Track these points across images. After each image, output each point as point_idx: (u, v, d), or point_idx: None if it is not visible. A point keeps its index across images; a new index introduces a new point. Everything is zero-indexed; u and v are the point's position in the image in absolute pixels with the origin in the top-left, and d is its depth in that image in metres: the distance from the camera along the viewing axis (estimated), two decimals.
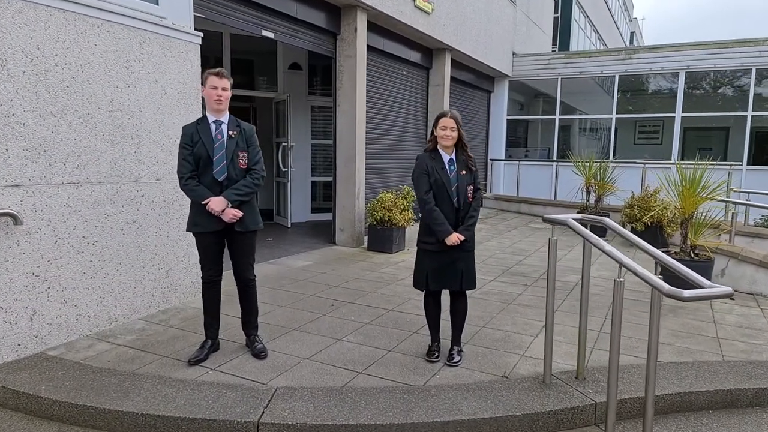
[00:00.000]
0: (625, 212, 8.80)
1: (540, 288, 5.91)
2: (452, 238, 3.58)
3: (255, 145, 3.74)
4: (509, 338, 4.33)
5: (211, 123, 3.61)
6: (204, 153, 3.54)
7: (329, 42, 7.61)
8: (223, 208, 3.52)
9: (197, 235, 3.68)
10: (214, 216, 3.53)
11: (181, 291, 4.86)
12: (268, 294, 5.31)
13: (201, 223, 3.60)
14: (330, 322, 4.59)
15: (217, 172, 3.56)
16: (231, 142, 3.60)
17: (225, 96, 3.60)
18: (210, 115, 3.63)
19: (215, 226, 3.58)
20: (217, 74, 3.57)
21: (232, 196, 3.55)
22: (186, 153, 3.56)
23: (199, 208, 3.55)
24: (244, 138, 3.67)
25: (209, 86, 3.57)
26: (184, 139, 3.59)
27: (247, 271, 3.81)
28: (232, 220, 3.57)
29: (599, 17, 25.78)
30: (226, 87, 3.60)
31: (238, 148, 3.61)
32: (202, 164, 3.56)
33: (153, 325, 4.36)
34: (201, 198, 3.52)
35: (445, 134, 3.61)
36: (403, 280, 6.04)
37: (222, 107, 3.60)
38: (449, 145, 3.64)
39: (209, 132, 3.59)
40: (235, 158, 3.60)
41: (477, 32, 11.26)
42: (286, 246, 7.79)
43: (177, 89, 4.69)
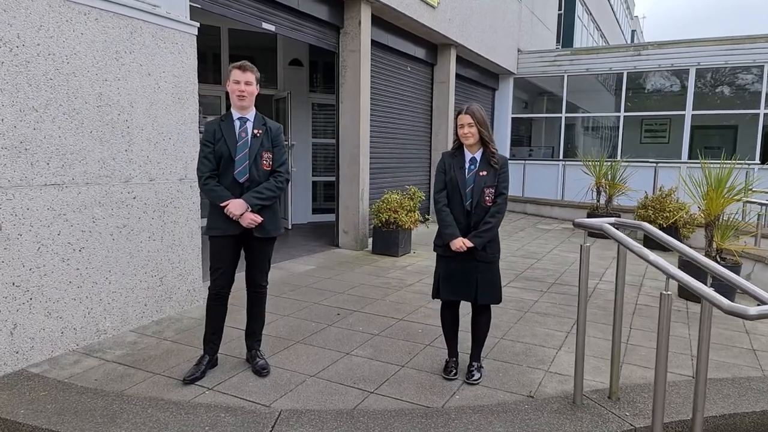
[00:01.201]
0: (639, 213, 8.49)
1: (556, 294, 5.59)
2: (456, 243, 3.26)
3: (281, 145, 3.45)
4: (531, 351, 4.01)
5: (235, 120, 3.32)
6: (226, 152, 3.25)
7: (332, 36, 7.28)
8: (242, 212, 3.23)
9: (213, 239, 3.37)
10: (233, 219, 3.24)
11: (177, 300, 4.53)
12: (270, 302, 4.92)
13: (220, 227, 3.30)
14: (336, 333, 4.27)
15: (239, 173, 3.27)
16: (255, 141, 3.31)
17: (249, 91, 3.30)
18: (234, 111, 3.34)
19: (234, 230, 3.29)
20: (240, 67, 3.28)
21: (253, 200, 3.25)
22: (207, 150, 3.27)
23: (219, 210, 3.26)
24: (270, 137, 3.38)
25: (232, 80, 3.29)
26: (206, 136, 3.31)
27: (261, 277, 3.54)
28: (250, 225, 3.28)
29: (602, 15, 25.48)
30: (250, 81, 3.29)
31: (263, 148, 3.32)
32: (224, 164, 3.27)
33: (145, 338, 4.03)
34: (220, 200, 3.23)
35: (463, 132, 3.29)
36: (411, 286, 5.72)
37: (246, 103, 3.31)
38: (471, 144, 3.33)
39: (233, 129, 3.30)
40: (258, 159, 3.31)
41: (483, 28, 10.94)
42: (288, 249, 7.46)
43: (171, 83, 4.36)
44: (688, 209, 8.21)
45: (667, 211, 8.08)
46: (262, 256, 3.46)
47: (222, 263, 3.35)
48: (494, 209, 3.31)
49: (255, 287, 3.52)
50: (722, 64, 11.71)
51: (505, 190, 3.36)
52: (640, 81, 13.08)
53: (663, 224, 8.02)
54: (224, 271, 3.36)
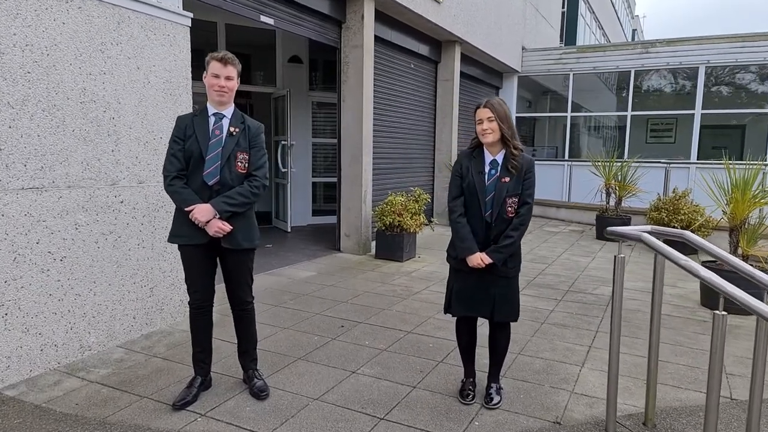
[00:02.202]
0: (651, 216, 8.18)
1: (571, 303, 5.28)
2: (474, 260, 2.94)
3: (260, 146, 3.10)
4: (552, 369, 3.69)
5: (210, 116, 2.99)
6: (196, 150, 2.91)
7: (334, 31, 6.96)
8: (209, 219, 2.89)
9: (181, 249, 3.04)
10: (200, 227, 2.90)
11: (168, 311, 4.21)
12: (268, 313, 4.66)
13: (184, 234, 2.96)
14: (341, 348, 3.95)
15: (208, 175, 2.92)
16: (230, 140, 2.97)
17: (230, 87, 2.97)
18: (211, 106, 3.00)
19: (200, 239, 2.94)
20: (221, 60, 2.93)
21: (221, 206, 2.91)
22: (176, 148, 2.94)
23: (184, 215, 2.92)
24: (248, 137, 3.03)
25: (210, 74, 2.94)
26: (176, 131, 2.97)
27: (243, 294, 3.17)
28: (217, 234, 2.93)
29: (604, 13, 25.20)
30: (231, 76, 2.96)
31: (238, 148, 2.98)
32: (193, 163, 2.93)
33: (133, 354, 3.71)
34: (185, 203, 2.89)
35: (482, 129, 2.96)
36: (418, 294, 5.40)
37: (225, 99, 2.98)
38: (490, 142, 2.98)
39: (206, 126, 2.97)
40: (232, 160, 2.96)
41: (488, 24, 10.63)
42: (287, 253, 7.14)
43: (163, 78, 4.04)
44: (703, 211, 7.92)
45: (682, 214, 7.77)
46: (239, 269, 3.10)
47: (195, 276, 3.04)
48: (517, 221, 2.96)
49: (239, 305, 3.18)
50: (732, 62, 11.41)
51: (530, 198, 3.01)
52: (646, 79, 12.79)
53: (678, 227, 7.71)
54: (200, 284, 3.05)
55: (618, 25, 31.01)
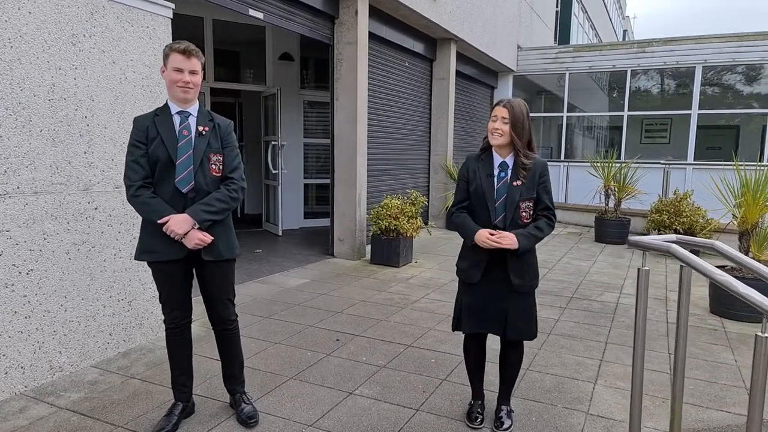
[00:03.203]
0: (652, 218, 7.97)
1: (577, 311, 5.03)
2: (481, 235, 2.64)
3: (232, 145, 2.79)
4: (563, 386, 3.43)
5: (174, 115, 2.67)
6: (163, 154, 2.59)
7: (326, 27, 6.67)
8: (187, 230, 2.58)
9: (153, 266, 2.73)
10: (176, 240, 2.60)
11: (149, 326, 3.90)
12: (257, 326, 4.36)
13: (157, 249, 2.65)
14: (336, 365, 3.66)
15: (181, 181, 2.62)
16: (201, 140, 2.66)
17: (195, 82, 2.65)
18: (173, 104, 2.69)
19: (177, 254, 2.64)
20: (183, 52, 2.60)
21: (200, 215, 2.60)
22: (138, 153, 2.60)
23: (155, 228, 2.60)
24: (219, 136, 2.73)
25: (172, 67, 2.61)
26: (135, 134, 2.63)
27: (225, 311, 2.86)
28: (198, 246, 2.62)
29: (596, 13, 25.10)
30: (195, 70, 2.64)
31: (211, 150, 2.68)
32: (160, 169, 2.61)
33: (109, 375, 3.40)
34: (157, 215, 2.57)
35: (493, 127, 2.69)
36: (417, 303, 5.12)
37: (190, 96, 2.66)
38: (499, 144, 2.72)
39: (171, 126, 2.65)
40: (205, 162, 2.66)
41: (483, 22, 10.38)
42: (278, 259, 6.83)
43: (141, 74, 3.73)
44: (704, 214, 7.72)
45: (684, 216, 7.56)
46: (220, 284, 2.80)
47: (171, 295, 2.73)
48: (546, 221, 2.71)
49: (221, 324, 2.88)
50: (729, 61, 11.24)
51: (551, 203, 2.75)
52: (640, 79, 12.60)
53: (680, 230, 7.51)
54: (177, 301, 2.75)
55: (610, 25, 30.97)
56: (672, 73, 12.20)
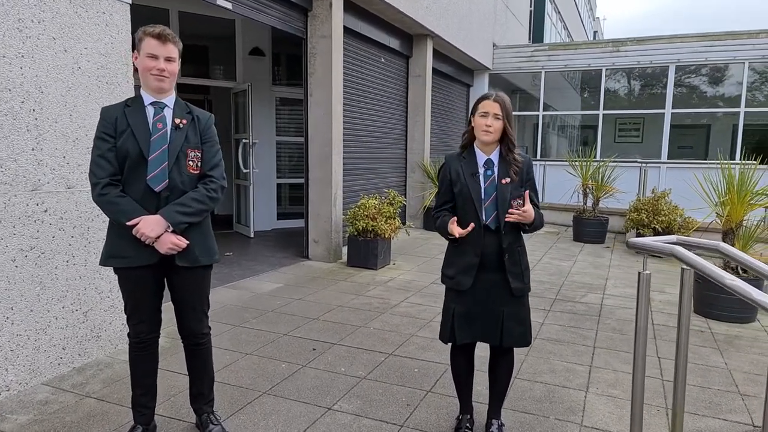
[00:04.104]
0: (631, 217, 7.91)
1: (561, 314, 4.87)
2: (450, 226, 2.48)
3: (213, 140, 2.53)
4: (554, 395, 3.25)
5: (147, 106, 2.41)
6: (134, 149, 2.33)
7: (299, 20, 6.40)
8: (159, 234, 2.32)
9: (120, 272, 2.45)
10: (147, 244, 2.33)
11: (107, 338, 3.58)
12: (227, 335, 4.08)
13: (125, 254, 2.38)
14: (313, 377, 3.41)
15: (154, 179, 2.35)
16: (178, 134, 2.40)
17: (171, 70, 2.39)
18: (146, 94, 2.42)
19: (148, 259, 2.37)
20: (158, 37, 2.34)
21: (175, 216, 2.34)
22: (105, 147, 2.33)
23: (125, 231, 2.33)
24: (198, 130, 2.47)
25: (146, 54, 2.35)
26: (102, 127, 2.36)
27: (198, 324, 2.60)
28: (171, 251, 2.37)
29: (568, 14, 25.31)
30: (171, 56, 2.38)
31: (188, 145, 2.42)
32: (130, 165, 2.35)
33: (62, 394, 3.08)
34: (125, 216, 2.31)
35: (485, 123, 2.48)
36: (397, 307, 4.90)
37: (166, 86, 2.40)
38: (490, 141, 2.52)
39: (144, 118, 2.38)
40: (182, 159, 2.40)
41: (460, 19, 10.22)
42: (249, 263, 6.53)
43: (96, 63, 3.42)
44: (682, 213, 7.71)
45: (663, 215, 7.52)
46: (194, 293, 2.55)
47: (138, 305, 2.46)
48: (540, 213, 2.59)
49: (192, 338, 2.61)
50: (702, 60, 11.34)
51: (538, 201, 2.61)
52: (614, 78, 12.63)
53: (659, 228, 7.46)
54: (145, 313, 2.48)
55: (581, 26, 31.32)
56: (645, 72, 12.25)
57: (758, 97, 11.31)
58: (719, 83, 11.86)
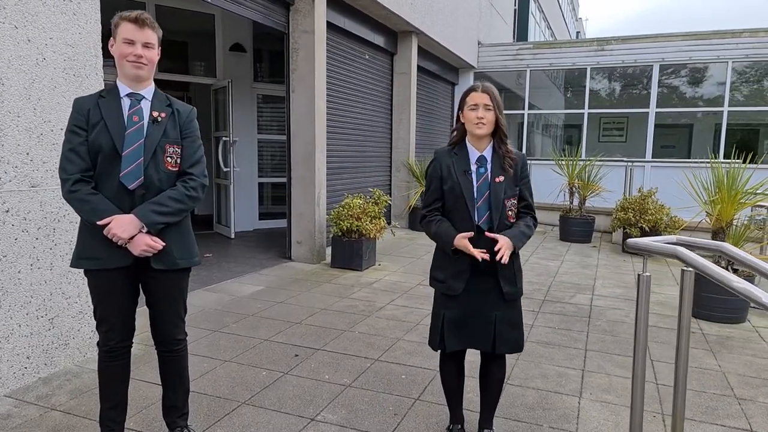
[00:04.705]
0: (618, 216, 7.85)
1: (551, 315, 4.76)
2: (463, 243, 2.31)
3: (194, 135, 2.36)
4: (547, 402, 3.12)
5: (123, 97, 2.23)
6: (107, 143, 2.16)
7: (281, 14, 6.21)
8: (133, 234, 2.15)
9: (91, 275, 2.27)
10: (120, 245, 2.16)
11: (75, 346, 3.38)
12: (205, 341, 3.89)
13: (97, 255, 2.20)
14: (295, 385, 3.24)
15: (128, 176, 2.18)
16: (155, 128, 2.24)
17: (149, 57, 2.22)
18: (122, 84, 2.24)
19: (121, 261, 2.21)
20: (135, 21, 2.17)
21: (150, 216, 2.18)
22: (77, 141, 2.16)
23: (96, 231, 2.16)
24: (178, 124, 2.31)
25: (122, 39, 2.18)
26: (74, 119, 2.18)
27: (174, 329, 2.43)
28: (145, 253, 2.20)
29: (552, 13, 25.39)
30: (150, 42, 2.21)
31: (167, 140, 2.26)
32: (103, 161, 2.17)
33: (25, 407, 2.88)
34: (97, 215, 2.14)
35: (476, 116, 2.34)
36: (382, 310, 4.75)
37: (143, 74, 2.23)
38: (483, 135, 2.39)
39: (119, 110, 2.21)
40: (159, 154, 2.23)
41: (444, 16, 10.10)
42: (230, 264, 6.33)
43: (63, 54, 3.21)
44: (668, 211, 7.67)
45: (650, 214, 7.47)
46: (171, 297, 2.38)
47: (109, 311, 2.28)
48: (530, 220, 2.45)
49: (167, 345, 2.43)
50: (686, 60, 11.37)
51: (532, 201, 2.47)
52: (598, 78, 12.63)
53: (646, 227, 7.41)
54: (118, 320, 2.30)
55: (564, 25, 31.47)
56: (630, 71, 12.26)
57: (737, 97, 11.36)
58: (703, 83, 11.91)
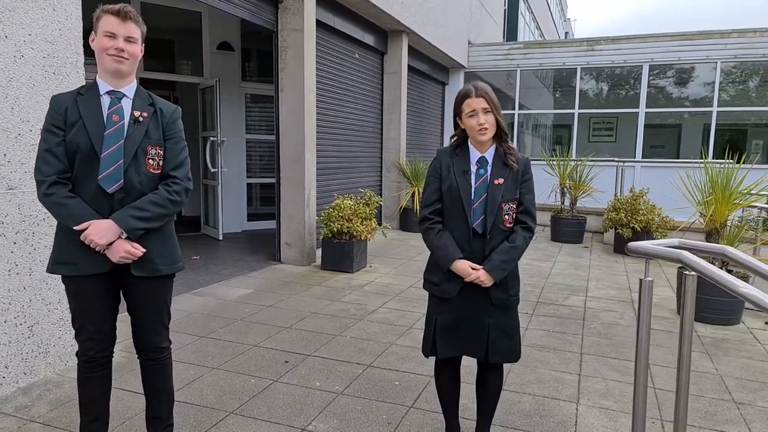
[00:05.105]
0: (610, 216, 7.83)
1: (545, 317, 4.70)
2: (462, 269, 2.26)
3: (177, 136, 2.25)
4: (544, 408, 3.05)
5: (103, 95, 2.12)
6: (85, 143, 2.05)
7: (269, 12, 6.10)
8: (111, 241, 2.04)
9: (68, 281, 2.16)
10: (99, 251, 2.05)
11: (56, 354, 3.25)
12: (192, 347, 3.78)
13: (74, 261, 2.09)
14: (286, 393, 3.14)
15: (106, 179, 2.07)
16: (137, 129, 2.12)
17: (131, 52, 2.10)
18: (103, 81, 2.13)
19: (99, 267, 2.10)
20: (117, 13, 2.06)
21: (130, 222, 2.07)
22: (53, 141, 2.05)
23: (73, 236, 2.04)
24: (161, 124, 2.19)
25: (103, 32, 2.07)
26: (51, 118, 2.07)
27: (157, 338, 2.31)
28: (124, 260, 2.09)
29: (541, 14, 25.45)
30: (132, 36, 2.10)
31: (149, 141, 2.14)
32: (81, 162, 2.06)
33: (3, 419, 2.75)
34: (73, 219, 2.03)
35: (477, 122, 2.26)
36: (374, 313, 4.66)
37: (124, 68, 2.11)
38: (488, 139, 2.31)
39: (98, 109, 2.10)
40: (140, 156, 2.12)
41: (436, 16, 10.03)
42: (218, 267, 6.20)
43: (42, 51, 3.09)
44: (659, 211, 7.66)
45: (641, 214, 7.45)
46: (153, 305, 2.26)
47: (88, 319, 2.17)
48: (524, 232, 2.34)
49: (149, 353, 2.32)
50: (675, 60, 11.39)
51: (533, 206, 2.38)
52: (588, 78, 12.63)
53: (637, 228, 7.39)
54: (97, 329, 2.19)
55: (553, 26, 31.57)
56: (619, 71, 12.27)
57: (725, 97, 11.41)
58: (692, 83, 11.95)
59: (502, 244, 2.30)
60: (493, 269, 2.25)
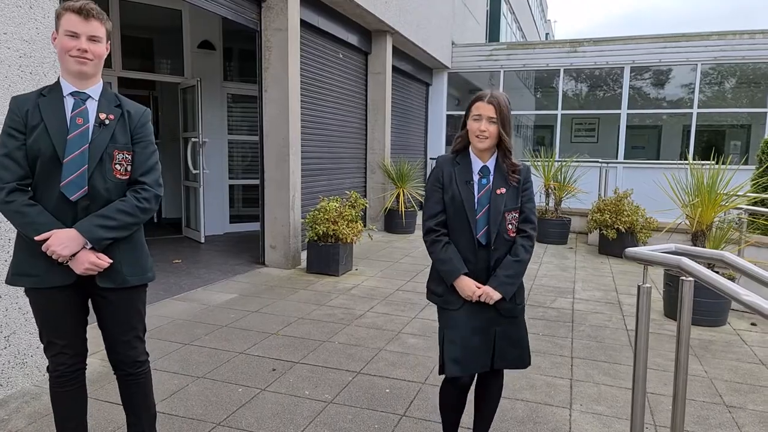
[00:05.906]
0: (594, 217, 7.86)
1: (534, 321, 4.68)
2: (466, 286, 2.21)
3: (147, 140, 2.12)
4: (538, 415, 3.02)
5: (66, 96, 2.00)
6: (46, 148, 1.94)
7: (252, 11, 5.99)
8: (75, 251, 1.93)
9: (30, 293, 2.05)
10: (61, 263, 1.94)
11: (34, 365, 3.12)
12: (176, 355, 3.67)
13: (34, 272, 1.98)
14: (274, 402, 3.05)
15: (69, 186, 1.95)
16: (102, 133, 2.01)
17: (95, 52, 1.98)
18: (66, 82, 2.01)
19: (62, 279, 1.99)
20: (78, 11, 1.93)
21: (95, 231, 1.96)
22: (13, 145, 1.93)
23: (34, 247, 1.93)
24: (128, 127, 2.07)
25: (65, 32, 1.94)
26: (10, 120, 1.94)
27: (132, 351, 2.19)
28: (89, 272, 1.98)
29: (522, 15, 25.60)
30: (96, 36, 1.98)
31: (115, 145, 2.03)
32: (42, 168, 1.95)
33: None
34: (34, 230, 1.92)
35: (478, 128, 2.21)
36: (362, 318, 4.59)
37: (88, 70, 1.99)
38: (485, 148, 2.25)
39: (60, 111, 1.98)
40: (106, 161, 2.00)
41: (419, 16, 9.99)
42: (200, 271, 6.07)
43: (18, 51, 2.96)
44: (643, 213, 7.72)
45: (625, 215, 7.50)
46: (124, 318, 2.14)
47: (55, 333, 2.06)
48: (524, 242, 2.28)
49: (126, 368, 2.20)
50: (656, 62, 11.52)
51: (534, 214, 2.33)
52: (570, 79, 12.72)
53: (622, 229, 7.44)
54: (66, 342, 2.08)
55: (534, 27, 31.80)
56: (598, 73, 12.38)
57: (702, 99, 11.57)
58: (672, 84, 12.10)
59: (505, 259, 2.25)
60: (500, 285, 2.20)
